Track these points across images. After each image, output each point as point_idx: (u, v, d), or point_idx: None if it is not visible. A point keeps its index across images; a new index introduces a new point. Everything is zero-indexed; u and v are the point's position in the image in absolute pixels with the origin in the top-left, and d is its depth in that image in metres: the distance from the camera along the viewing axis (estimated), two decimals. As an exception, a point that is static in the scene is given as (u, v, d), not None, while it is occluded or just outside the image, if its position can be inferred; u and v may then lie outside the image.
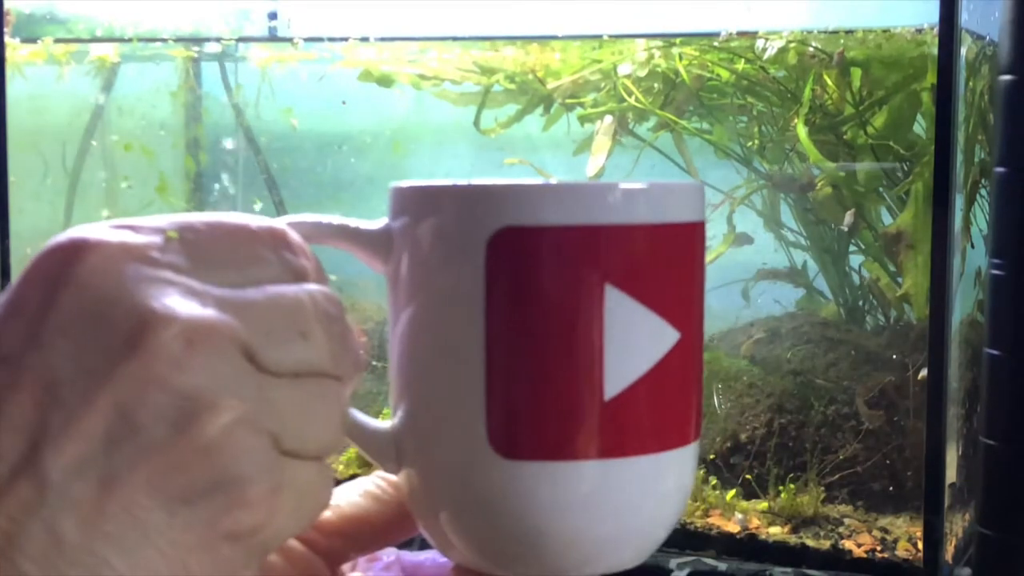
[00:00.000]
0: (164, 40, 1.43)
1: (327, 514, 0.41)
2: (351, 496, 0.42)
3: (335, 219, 0.39)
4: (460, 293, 0.36)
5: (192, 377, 0.31)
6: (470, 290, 0.35)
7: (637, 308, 0.36)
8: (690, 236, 0.38)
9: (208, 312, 0.32)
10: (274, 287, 0.34)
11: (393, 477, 0.41)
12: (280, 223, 0.36)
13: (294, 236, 0.36)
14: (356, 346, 0.36)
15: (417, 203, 0.38)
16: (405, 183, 0.38)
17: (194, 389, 0.31)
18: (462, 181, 0.37)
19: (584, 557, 0.37)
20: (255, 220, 0.36)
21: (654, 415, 0.37)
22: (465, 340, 0.36)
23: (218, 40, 1.44)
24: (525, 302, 0.35)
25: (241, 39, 1.42)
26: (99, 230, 0.33)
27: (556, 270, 0.35)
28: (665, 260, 0.37)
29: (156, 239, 0.33)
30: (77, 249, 0.32)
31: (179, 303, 0.32)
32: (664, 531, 0.39)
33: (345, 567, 0.43)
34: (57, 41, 1.45)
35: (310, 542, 0.41)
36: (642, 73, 1.21)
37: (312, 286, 0.35)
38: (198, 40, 1.45)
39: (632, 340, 0.36)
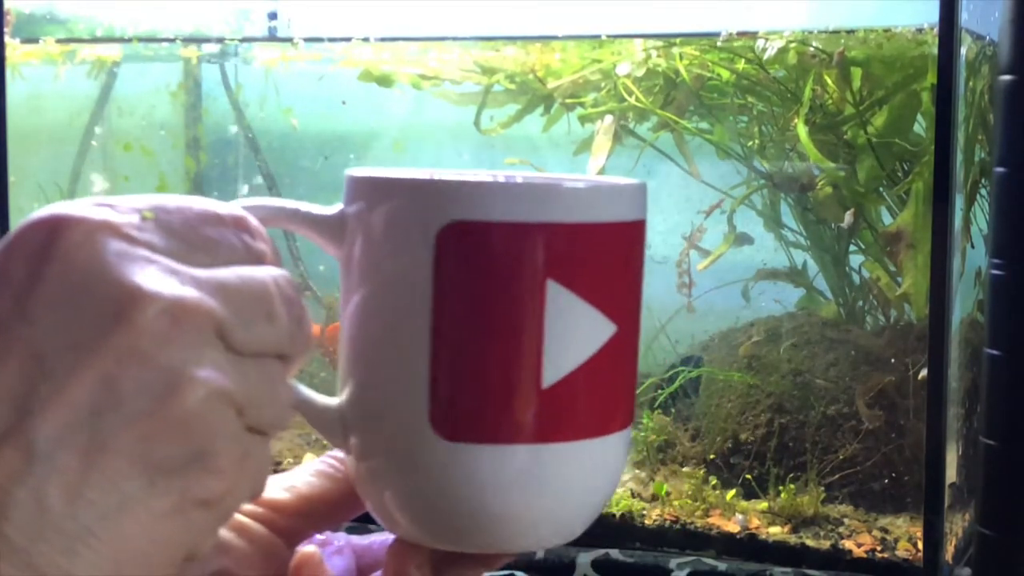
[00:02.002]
0: (164, 40, 1.43)
1: (285, 495, 0.43)
2: (305, 476, 0.44)
3: (290, 203, 0.40)
4: (409, 281, 0.37)
5: (174, 352, 0.32)
6: (418, 279, 0.37)
7: (576, 302, 0.38)
8: (630, 234, 0.40)
9: (189, 291, 0.33)
10: (243, 268, 0.35)
11: (343, 455, 0.43)
12: (239, 208, 0.38)
13: (253, 220, 0.37)
14: (310, 327, 0.38)
15: (371, 192, 0.39)
16: (360, 171, 0.40)
17: (175, 363, 0.32)
18: (417, 172, 0.39)
19: (519, 533, 0.39)
20: (218, 204, 0.37)
21: (589, 403, 0.39)
22: (412, 326, 0.37)
23: (218, 40, 1.44)
24: (470, 294, 0.37)
25: (241, 39, 1.42)
26: (79, 207, 0.34)
27: (501, 264, 0.37)
28: (605, 257, 0.39)
29: (134, 218, 0.34)
30: (60, 225, 0.33)
31: (161, 281, 0.33)
32: (594, 510, 0.41)
33: (301, 547, 0.44)
34: (58, 41, 1.45)
35: (270, 523, 0.42)
36: (639, 73, 1.21)
37: (274, 269, 0.36)
38: (198, 40, 1.45)
39: (570, 333, 0.38)
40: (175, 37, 1.42)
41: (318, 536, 0.45)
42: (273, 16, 1.44)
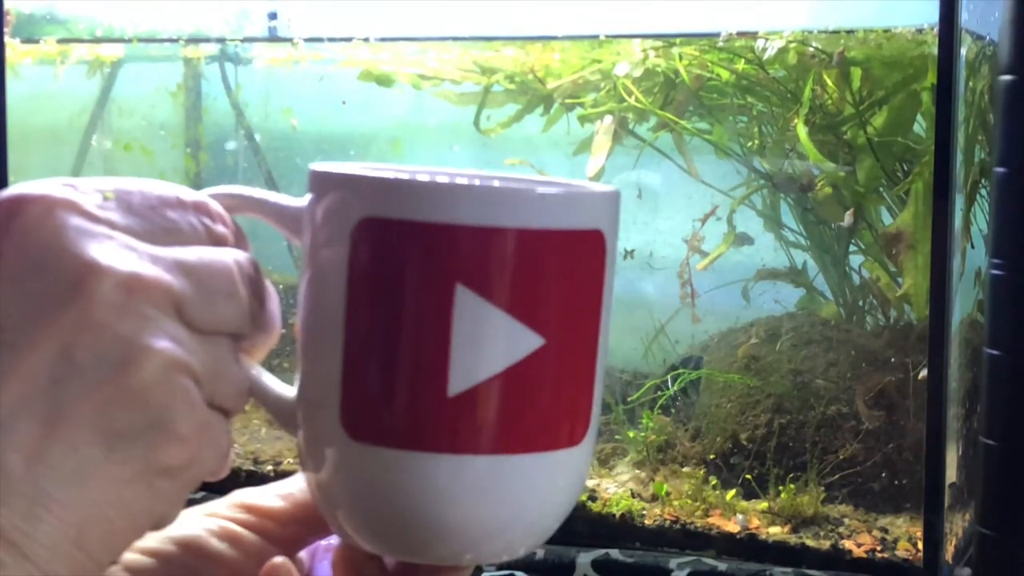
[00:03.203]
0: (164, 40, 1.43)
1: (280, 503, 0.43)
2: (301, 483, 0.44)
3: (257, 192, 0.41)
4: (331, 276, 0.37)
5: (131, 323, 0.33)
6: (336, 274, 0.37)
7: (491, 311, 0.36)
8: (568, 244, 0.37)
9: (146, 266, 0.34)
10: (203, 248, 0.36)
11: None
12: (202, 194, 0.39)
13: (214, 205, 0.39)
14: (274, 308, 0.39)
15: (314, 184, 0.39)
16: (317, 165, 0.40)
17: (131, 334, 0.33)
18: (355, 166, 0.38)
19: (434, 543, 0.38)
20: (181, 189, 0.38)
21: (512, 416, 0.37)
22: (329, 322, 0.37)
23: (218, 40, 1.44)
24: (379, 292, 0.36)
25: (241, 39, 1.42)
26: (42, 186, 0.35)
27: (409, 265, 0.36)
28: (530, 266, 0.36)
29: (95, 197, 0.35)
30: (20, 201, 0.34)
31: (119, 256, 0.34)
32: (530, 528, 0.39)
33: (302, 554, 0.44)
34: (59, 41, 1.45)
35: (264, 531, 0.43)
36: (637, 73, 1.20)
37: (236, 251, 0.38)
38: (198, 40, 1.45)
39: (483, 341, 0.36)
40: (175, 37, 1.42)
41: (322, 542, 0.44)
42: (273, 16, 1.44)
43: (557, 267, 0.37)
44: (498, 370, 0.36)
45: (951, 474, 1.01)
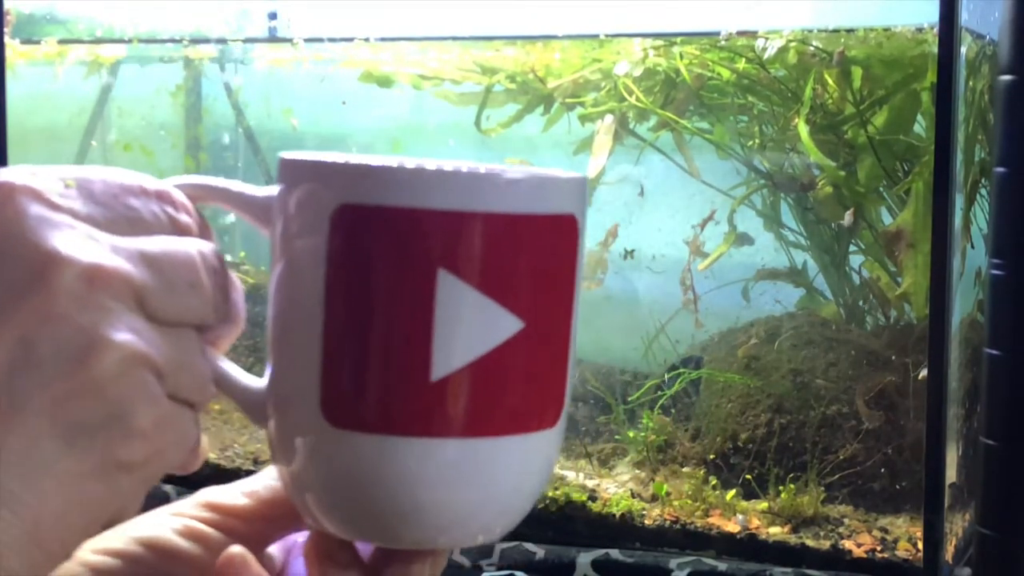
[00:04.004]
0: (164, 41, 1.43)
1: (244, 500, 0.43)
2: (267, 480, 0.44)
3: (224, 182, 0.40)
4: (307, 264, 0.37)
5: (91, 315, 0.33)
6: (314, 262, 0.37)
7: (472, 294, 0.36)
8: (545, 228, 0.38)
9: (107, 257, 0.34)
10: (165, 238, 0.36)
11: None
12: (167, 183, 0.38)
13: (178, 195, 0.38)
14: (238, 298, 0.38)
15: (285, 174, 0.39)
16: (288, 154, 0.40)
17: (92, 326, 0.33)
18: (329, 155, 0.38)
19: (414, 528, 0.38)
20: (143, 177, 0.37)
21: (492, 400, 0.37)
22: (307, 311, 0.37)
23: (218, 41, 1.44)
24: (359, 279, 0.36)
25: (241, 40, 1.42)
26: (3, 173, 0.34)
27: (390, 251, 0.36)
28: (509, 250, 0.37)
29: (57, 185, 0.35)
30: None
31: (80, 246, 0.33)
32: (507, 510, 0.39)
33: (274, 550, 0.43)
34: (59, 42, 1.45)
35: (230, 529, 0.42)
36: (637, 72, 1.20)
37: (200, 241, 0.37)
38: (198, 40, 1.45)
39: (465, 325, 0.36)
40: (175, 38, 1.42)
41: (300, 537, 0.44)
42: (273, 16, 1.44)
43: (535, 251, 0.38)
44: (480, 354, 0.36)
45: (951, 474, 1.01)
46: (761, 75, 1.17)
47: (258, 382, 0.40)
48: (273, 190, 0.40)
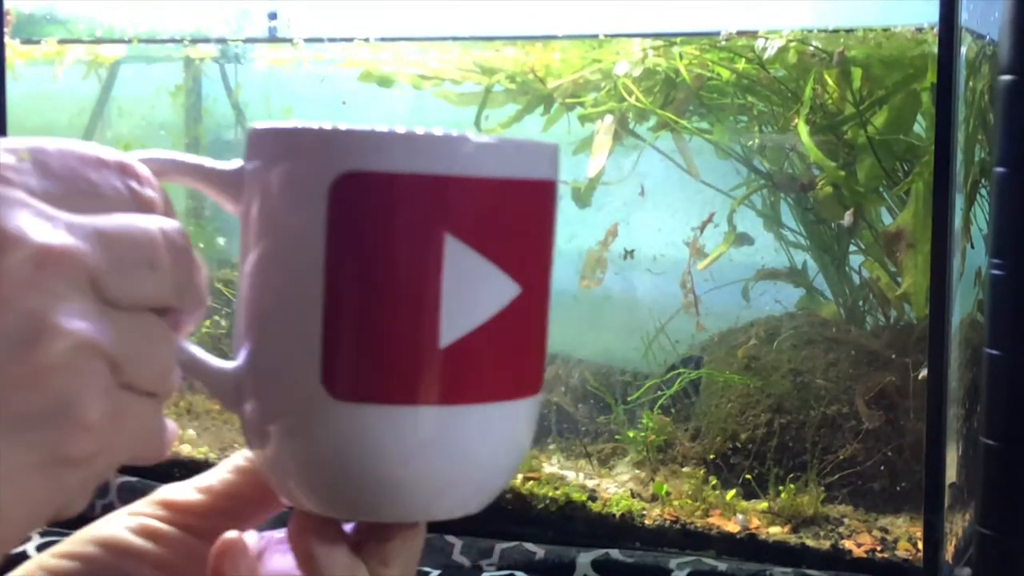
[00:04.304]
0: (164, 41, 1.43)
1: (197, 496, 0.42)
2: (222, 473, 0.43)
3: (189, 156, 0.39)
4: (303, 236, 0.36)
5: (38, 299, 0.31)
6: (312, 233, 0.36)
7: (477, 259, 0.36)
8: (537, 193, 0.39)
9: (59, 237, 0.32)
10: (125, 216, 0.34)
11: None
12: (129, 156, 0.36)
13: (143, 168, 0.36)
14: (202, 280, 0.36)
15: (267, 144, 0.38)
16: (261, 124, 0.39)
17: (39, 311, 0.31)
18: (314, 123, 0.37)
19: (414, 502, 0.38)
20: (102, 149, 0.35)
21: (491, 365, 0.37)
22: (305, 282, 0.36)
23: (218, 41, 1.44)
24: (365, 248, 0.36)
25: (241, 40, 1.42)
26: None
27: (397, 217, 0.36)
28: (509, 215, 0.37)
29: (10, 158, 0.33)
30: None
31: (31, 225, 0.31)
32: (500, 479, 0.40)
33: (252, 544, 0.43)
34: (59, 42, 1.45)
35: (184, 526, 0.42)
36: (636, 72, 1.20)
37: (162, 218, 0.35)
38: (198, 41, 1.45)
39: (471, 291, 0.36)
40: (175, 37, 1.42)
41: (276, 534, 0.44)
42: (273, 16, 1.44)
43: (528, 216, 0.38)
44: (485, 319, 0.37)
45: (951, 474, 1.01)
46: (761, 75, 1.17)
47: (229, 364, 0.39)
48: (239, 163, 0.39)
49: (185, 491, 0.43)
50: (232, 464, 0.43)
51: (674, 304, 1.24)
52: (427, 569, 1.04)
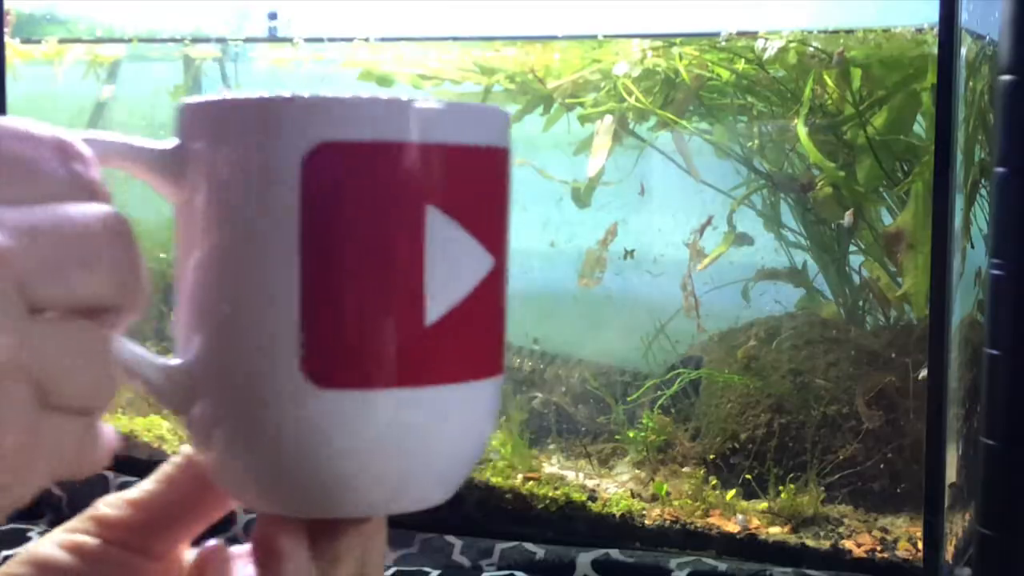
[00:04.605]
0: (164, 40, 1.43)
1: (126, 510, 0.40)
2: (146, 486, 0.41)
3: (123, 137, 0.36)
4: (272, 215, 0.34)
5: None
6: (283, 212, 0.33)
7: (457, 231, 0.35)
8: (503, 162, 0.37)
9: None
10: (63, 207, 0.30)
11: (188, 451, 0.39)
12: (72, 135, 0.32)
13: (83, 148, 0.32)
14: (145, 274, 0.33)
15: (218, 120, 0.35)
16: (197, 98, 0.36)
17: None
18: (267, 93, 0.34)
19: (392, 491, 0.36)
20: (40, 126, 0.31)
21: (468, 343, 0.36)
22: (273, 266, 0.34)
23: (218, 40, 1.44)
24: (345, 223, 0.33)
25: (242, 39, 1.42)
26: None
27: (378, 189, 0.34)
28: (481, 184, 0.36)
29: None
30: None
31: None
32: (468, 466, 0.38)
33: (235, 552, 0.41)
34: (59, 41, 1.45)
35: (112, 539, 0.40)
36: (635, 73, 1.21)
37: (103, 206, 0.31)
38: (198, 40, 1.45)
39: (452, 264, 0.35)
40: (175, 37, 1.42)
41: (235, 550, 0.42)
42: (273, 16, 1.44)
43: (497, 184, 0.37)
44: (464, 294, 0.35)
45: (951, 474, 1.01)
46: (761, 76, 1.17)
47: (174, 362, 0.36)
48: (175, 142, 0.36)
49: (115, 503, 0.41)
50: (161, 473, 0.41)
51: (674, 304, 1.24)
52: (427, 569, 1.04)
